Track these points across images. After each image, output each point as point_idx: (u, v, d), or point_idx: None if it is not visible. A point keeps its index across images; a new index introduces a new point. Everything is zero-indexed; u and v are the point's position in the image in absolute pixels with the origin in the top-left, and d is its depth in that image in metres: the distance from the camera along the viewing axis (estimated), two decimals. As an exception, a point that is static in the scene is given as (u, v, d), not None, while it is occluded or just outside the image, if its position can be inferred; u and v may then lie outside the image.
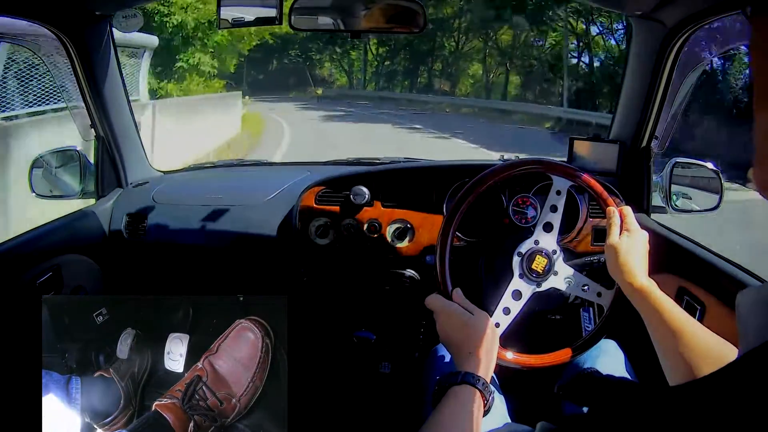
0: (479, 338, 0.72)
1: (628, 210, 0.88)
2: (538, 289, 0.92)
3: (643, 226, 0.89)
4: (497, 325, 0.89)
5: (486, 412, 0.66)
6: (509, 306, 0.91)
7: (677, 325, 0.72)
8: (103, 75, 1.23)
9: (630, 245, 0.83)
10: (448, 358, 0.96)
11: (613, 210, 0.88)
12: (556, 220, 0.94)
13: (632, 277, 0.80)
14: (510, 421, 0.89)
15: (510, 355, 0.89)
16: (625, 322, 0.89)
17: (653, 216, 1.22)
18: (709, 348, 0.69)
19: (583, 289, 0.93)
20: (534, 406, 0.98)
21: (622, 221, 0.87)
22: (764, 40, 0.33)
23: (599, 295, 0.93)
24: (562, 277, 0.93)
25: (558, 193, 0.94)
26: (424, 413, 0.93)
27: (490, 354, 0.71)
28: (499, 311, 0.91)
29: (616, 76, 13.84)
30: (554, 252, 0.93)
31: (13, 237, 1.09)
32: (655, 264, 0.86)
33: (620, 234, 0.85)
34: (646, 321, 0.77)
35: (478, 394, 0.65)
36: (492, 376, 0.74)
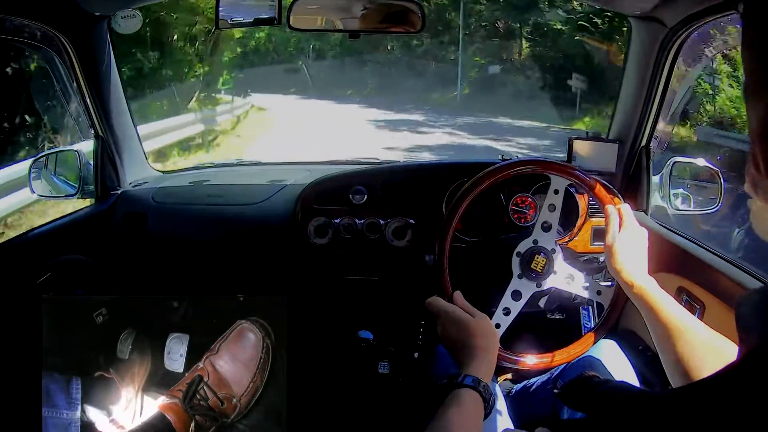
0: (480, 340, 0.72)
1: (626, 208, 0.88)
2: (537, 289, 0.93)
3: (643, 226, 0.89)
4: (498, 326, 0.89)
5: (487, 415, 0.66)
6: (509, 306, 0.91)
7: (677, 323, 0.72)
8: (103, 75, 1.23)
9: (629, 243, 0.84)
10: (449, 359, 0.96)
11: (611, 208, 0.88)
12: (554, 219, 0.94)
13: (631, 275, 0.80)
14: (510, 424, 0.89)
15: (532, 360, 0.90)
16: (626, 320, 0.90)
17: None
18: (710, 345, 0.69)
19: (583, 288, 0.93)
20: (533, 409, 0.98)
21: (620, 219, 0.87)
22: (756, 38, 0.33)
23: (599, 293, 0.94)
24: (562, 277, 0.93)
25: (556, 192, 0.94)
26: (425, 414, 0.93)
27: (490, 356, 0.72)
28: (499, 312, 0.91)
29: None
30: (553, 251, 0.93)
31: (14, 237, 1.09)
32: (655, 264, 0.86)
33: (619, 232, 0.85)
34: (645, 318, 0.78)
35: (478, 397, 0.65)
36: (493, 380, 0.74)
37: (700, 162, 1.18)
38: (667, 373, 0.73)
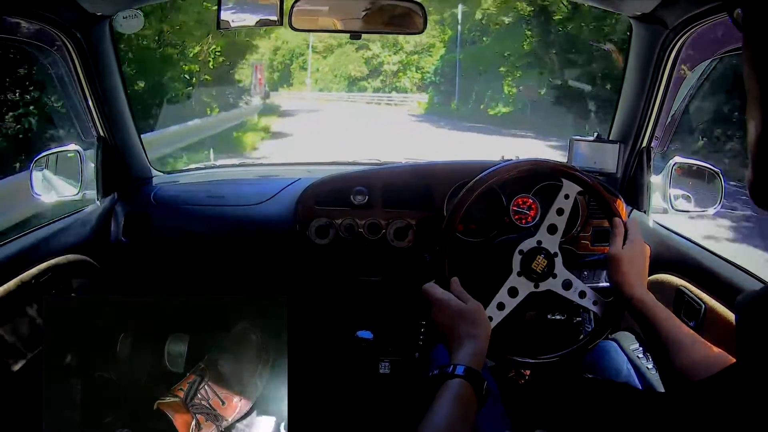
0: (469, 328, 0.72)
1: (633, 221, 0.89)
2: (534, 290, 0.92)
3: (643, 226, 0.89)
4: (490, 318, 0.89)
5: (481, 404, 0.66)
6: (504, 301, 0.91)
7: (673, 337, 0.73)
8: (104, 75, 1.23)
9: (631, 257, 0.84)
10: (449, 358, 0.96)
11: (618, 221, 0.89)
12: (561, 222, 0.94)
13: (631, 289, 0.81)
14: (508, 424, 0.89)
15: (531, 360, 0.90)
16: (626, 321, 0.89)
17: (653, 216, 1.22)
18: (706, 359, 0.69)
19: (579, 296, 0.93)
20: (532, 410, 0.98)
21: (626, 232, 0.87)
22: (754, 55, 0.33)
23: (595, 303, 0.93)
24: (560, 281, 0.93)
25: (566, 197, 0.94)
26: (419, 408, 0.93)
27: (479, 344, 0.72)
28: (492, 306, 0.90)
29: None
30: (555, 254, 0.93)
31: (14, 237, 1.09)
32: (655, 264, 0.86)
33: (623, 245, 0.85)
34: (642, 331, 0.78)
35: (470, 386, 0.65)
36: (491, 382, 0.73)
37: (701, 162, 1.18)
38: (663, 383, 0.73)
